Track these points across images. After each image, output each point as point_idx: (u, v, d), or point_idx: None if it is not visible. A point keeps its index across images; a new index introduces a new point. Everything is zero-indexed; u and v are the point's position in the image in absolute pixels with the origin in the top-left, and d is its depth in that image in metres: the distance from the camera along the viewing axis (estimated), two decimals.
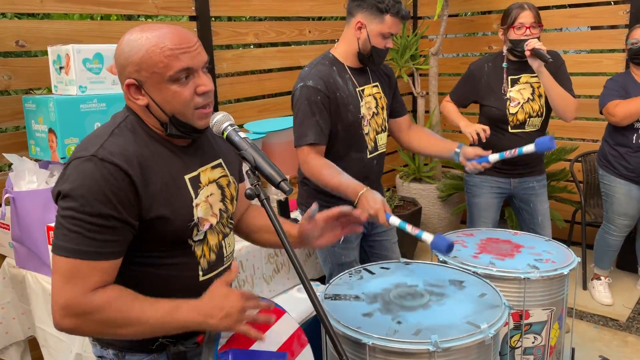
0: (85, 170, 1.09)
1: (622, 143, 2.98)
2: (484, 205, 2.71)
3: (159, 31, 1.15)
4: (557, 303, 1.95)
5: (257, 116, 3.36)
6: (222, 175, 1.32)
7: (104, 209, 1.08)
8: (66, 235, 1.08)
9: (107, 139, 1.14)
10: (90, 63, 2.02)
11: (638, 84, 2.91)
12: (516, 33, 2.46)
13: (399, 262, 1.97)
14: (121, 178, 1.10)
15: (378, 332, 1.47)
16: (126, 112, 1.23)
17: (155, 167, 1.17)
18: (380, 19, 1.96)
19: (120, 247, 1.13)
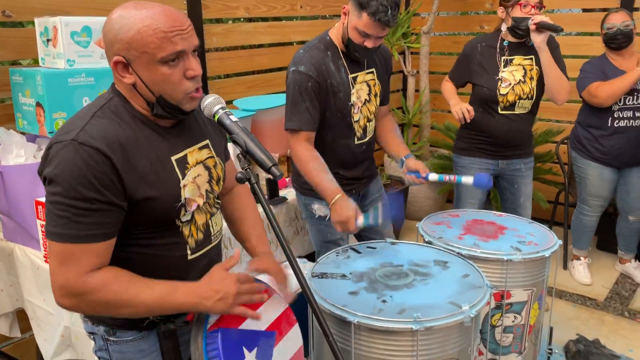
0: (66, 155, 1.09)
1: (597, 126, 3.02)
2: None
3: (153, 10, 1.13)
4: (537, 284, 2.01)
5: (247, 92, 3.34)
6: (209, 156, 1.32)
7: (88, 193, 1.09)
8: (55, 221, 1.10)
9: (89, 121, 1.13)
10: (78, 36, 1.99)
11: (615, 67, 2.94)
12: (522, 11, 2.46)
13: (385, 242, 2.00)
14: (102, 161, 1.10)
15: (363, 310, 1.51)
16: (111, 93, 1.22)
17: (140, 149, 1.17)
18: (359, 14, 1.88)
19: (109, 228, 1.14)
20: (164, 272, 1.20)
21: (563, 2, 3.86)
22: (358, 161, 2.21)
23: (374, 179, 2.35)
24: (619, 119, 2.95)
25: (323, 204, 2.18)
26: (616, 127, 2.96)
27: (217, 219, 1.37)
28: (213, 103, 1.18)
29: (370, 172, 2.30)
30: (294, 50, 3.61)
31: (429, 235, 2.07)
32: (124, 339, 1.31)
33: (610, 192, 3.15)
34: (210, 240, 1.33)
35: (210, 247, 1.33)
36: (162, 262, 1.24)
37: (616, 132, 2.97)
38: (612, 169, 3.07)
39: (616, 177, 3.10)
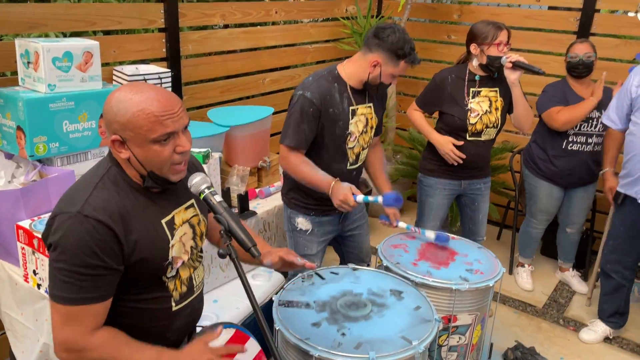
0: (72, 227, 1.21)
1: (552, 147, 3.26)
2: (436, 205, 2.96)
3: (147, 94, 1.24)
4: (481, 309, 2.24)
5: (220, 97, 3.42)
6: (194, 215, 1.45)
7: (91, 261, 1.22)
8: (60, 285, 1.23)
9: (92, 193, 1.25)
10: (59, 61, 2.04)
11: (575, 94, 3.17)
12: (497, 50, 2.65)
13: (347, 268, 2.18)
14: (105, 232, 1.23)
15: (324, 344, 1.69)
16: (109, 162, 1.34)
17: (136, 216, 1.30)
18: (396, 63, 2.16)
19: (108, 290, 1.28)
20: (150, 323, 1.35)
21: (525, 21, 4.04)
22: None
23: None
24: (573, 142, 3.19)
25: (307, 218, 2.39)
26: (569, 150, 3.20)
27: (200, 272, 1.51)
28: (200, 182, 1.31)
29: None
30: (266, 54, 3.70)
31: (387, 260, 2.26)
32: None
33: (556, 209, 3.43)
34: (193, 291, 1.47)
35: (192, 297, 1.48)
36: (149, 315, 1.38)
37: (569, 154, 3.21)
38: (560, 187, 3.33)
39: (563, 195, 3.37)
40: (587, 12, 3.72)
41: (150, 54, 2.91)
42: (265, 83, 3.76)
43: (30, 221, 1.97)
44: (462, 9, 4.27)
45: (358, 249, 2.61)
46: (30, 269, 1.97)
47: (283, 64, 3.89)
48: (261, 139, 2.98)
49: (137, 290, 1.35)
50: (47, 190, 2.05)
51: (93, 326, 1.26)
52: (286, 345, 1.79)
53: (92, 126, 2.18)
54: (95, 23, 2.60)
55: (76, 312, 1.23)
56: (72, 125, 2.11)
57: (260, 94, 3.76)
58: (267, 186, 3.01)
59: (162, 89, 1.29)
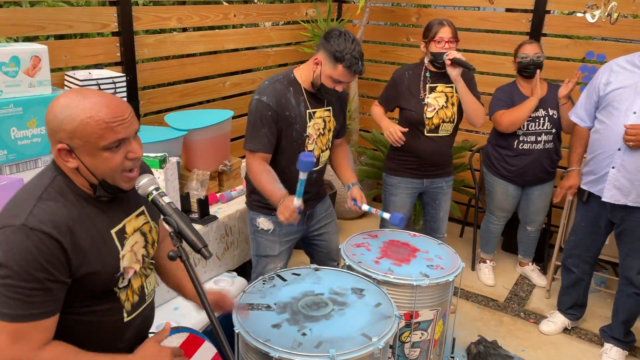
0: (16, 240, 1.14)
1: (504, 146, 3.34)
2: (400, 202, 3.00)
3: (94, 100, 1.20)
4: (442, 304, 2.27)
5: (179, 101, 3.38)
6: (145, 222, 1.42)
7: (40, 275, 1.16)
8: (7, 303, 1.15)
9: (36, 204, 1.19)
10: (6, 66, 1.98)
11: (522, 94, 3.26)
12: (437, 46, 2.71)
13: (309, 268, 2.18)
14: (52, 245, 1.17)
15: (284, 344, 1.68)
16: (54, 171, 1.27)
17: (84, 228, 1.24)
18: (334, 65, 2.15)
19: (57, 304, 1.22)
20: (101, 335, 1.30)
21: (480, 23, 4.14)
22: (307, 186, 2.37)
23: (321, 201, 2.56)
24: (523, 142, 3.27)
25: (267, 218, 2.39)
26: (521, 149, 3.29)
27: (151, 279, 1.47)
28: (147, 184, 1.28)
29: (317, 195, 2.51)
30: (225, 57, 3.68)
31: (350, 259, 2.27)
32: None
33: (513, 206, 3.51)
34: (144, 300, 1.44)
35: (144, 306, 1.44)
36: (100, 327, 1.33)
37: (521, 153, 3.29)
38: (516, 186, 3.41)
39: (520, 193, 3.45)
40: (539, 13, 3.84)
41: (104, 58, 2.85)
42: (226, 87, 3.73)
43: None
44: (420, 12, 4.35)
45: (327, 249, 2.62)
46: None
47: (244, 67, 3.87)
48: (221, 143, 2.96)
49: (87, 303, 1.30)
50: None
51: (42, 342, 1.20)
52: (246, 348, 1.77)
53: (41, 132, 2.12)
54: (45, 27, 2.54)
55: (25, 329, 1.17)
56: (20, 132, 2.05)
57: (221, 97, 3.73)
58: (228, 190, 2.99)
59: (108, 94, 1.25)
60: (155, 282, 1.52)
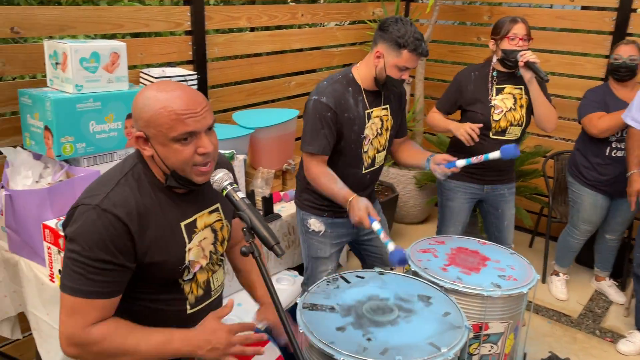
0: (89, 218, 1.20)
1: (595, 154, 3.13)
2: (457, 209, 2.87)
3: (171, 93, 1.23)
4: (514, 317, 2.14)
5: (245, 100, 3.41)
6: (217, 219, 1.42)
7: (103, 255, 1.20)
8: (70, 275, 1.21)
9: (113, 188, 1.24)
10: (87, 62, 2.05)
11: (617, 98, 3.04)
12: (510, 44, 2.57)
13: (373, 272, 2.12)
14: (120, 228, 1.21)
15: (349, 348, 1.63)
16: (136, 158, 1.33)
17: (154, 216, 1.28)
18: (398, 52, 2.06)
19: (117, 287, 1.26)
20: (164, 324, 1.31)
21: (557, 22, 3.93)
22: (361, 188, 2.34)
23: (372, 204, 2.46)
24: (616, 149, 3.06)
25: (319, 219, 2.34)
26: (613, 157, 3.07)
27: (219, 275, 1.47)
28: (222, 179, 1.28)
29: (370, 198, 2.41)
30: (292, 57, 3.68)
31: (415, 264, 2.19)
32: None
33: (601, 218, 3.27)
34: (210, 295, 1.44)
35: (210, 301, 1.44)
36: (162, 316, 1.35)
37: (613, 161, 3.07)
38: (605, 196, 3.19)
39: (608, 204, 3.22)
40: (624, 11, 3.59)
41: (177, 57, 2.92)
42: (291, 86, 3.74)
43: (56, 220, 1.97)
44: (492, 10, 4.18)
45: (379, 254, 2.53)
46: (55, 269, 1.97)
47: (309, 67, 3.87)
48: (286, 142, 2.96)
49: (151, 291, 1.33)
50: (73, 190, 2.05)
51: (96, 320, 1.24)
52: (310, 349, 1.73)
53: (118, 127, 2.18)
54: (123, 26, 2.63)
55: (81, 305, 1.22)
56: (98, 125, 2.12)
57: (285, 97, 3.74)
58: (291, 189, 2.98)
59: (189, 88, 1.27)
60: (224, 278, 1.51)
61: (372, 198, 2.49)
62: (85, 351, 1.24)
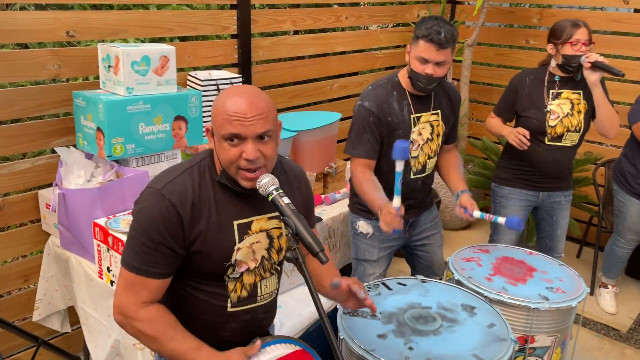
0: (150, 201, 1.30)
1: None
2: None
3: (235, 97, 1.28)
4: (562, 330, 2.07)
5: (288, 102, 3.43)
6: (276, 227, 1.44)
7: (156, 237, 1.28)
8: (129, 252, 1.31)
9: (176, 178, 1.33)
10: (137, 65, 2.11)
11: None
12: (572, 49, 2.50)
13: (416, 279, 2.09)
14: (173, 215, 1.29)
15: (390, 356, 1.61)
16: (206, 153, 1.40)
17: (207, 210, 1.33)
18: (416, 44, 2.08)
19: (166, 269, 1.32)
20: (205, 316, 1.38)
21: (613, 25, 3.78)
22: (412, 193, 2.32)
23: (427, 210, 2.46)
24: None
25: (367, 222, 2.35)
26: None
27: (270, 283, 1.48)
28: (268, 184, 1.28)
29: (422, 203, 2.40)
30: (335, 60, 3.68)
31: (459, 273, 2.15)
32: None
33: None
34: (255, 300, 1.45)
35: (254, 305, 1.45)
36: (205, 307, 1.40)
37: None
38: None
39: None
40: None
41: (223, 60, 2.97)
42: (333, 89, 3.74)
43: (106, 219, 2.03)
44: (542, 13, 4.07)
45: (429, 261, 2.51)
46: (104, 266, 2.03)
47: (351, 69, 3.85)
48: (328, 145, 2.96)
49: (197, 280, 1.39)
50: (122, 190, 2.12)
51: (146, 300, 1.32)
52: (350, 356, 1.72)
53: (166, 129, 2.23)
54: (172, 29, 2.68)
55: (135, 281, 1.30)
56: (147, 127, 2.17)
57: (327, 100, 3.74)
58: (332, 192, 2.98)
59: (256, 95, 1.30)
60: (276, 287, 1.52)
61: (427, 203, 2.47)
62: (128, 324, 1.34)
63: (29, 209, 2.41)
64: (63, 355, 2.54)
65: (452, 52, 2.09)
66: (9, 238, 2.39)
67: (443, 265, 2.54)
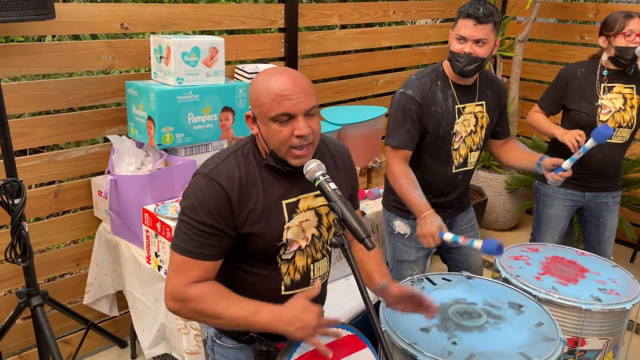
0: (199, 185, 1.32)
1: None
2: (554, 216, 2.70)
3: (277, 77, 1.28)
4: (614, 334, 1.98)
5: (334, 97, 3.43)
6: (324, 204, 1.44)
7: (207, 219, 1.29)
8: (179, 236, 1.32)
9: (222, 162, 1.34)
10: (188, 56, 2.15)
11: None
12: (626, 40, 2.40)
13: (461, 275, 2.04)
14: (223, 196, 1.30)
15: (433, 350, 1.58)
16: (249, 138, 1.42)
17: (255, 190, 1.34)
18: (456, 24, 2.04)
19: (218, 251, 1.33)
20: (258, 298, 1.35)
21: None
22: (451, 189, 2.25)
23: (464, 211, 2.37)
24: None
25: (404, 222, 2.27)
26: None
27: (322, 265, 1.48)
28: (315, 169, 1.28)
29: (461, 203, 2.31)
30: (381, 55, 3.65)
31: (506, 271, 2.09)
32: (226, 345, 1.50)
33: None
34: (308, 283, 1.45)
35: (307, 289, 1.45)
36: (258, 290, 1.39)
37: None
38: None
39: None
40: None
41: (270, 53, 2.99)
42: (379, 84, 3.71)
43: (155, 206, 2.09)
44: (598, 7, 3.90)
45: (465, 264, 2.40)
46: (152, 251, 2.09)
47: (398, 65, 3.81)
48: (372, 139, 2.94)
49: (250, 262, 1.39)
50: (171, 178, 2.17)
51: (196, 279, 1.31)
52: (392, 348, 1.70)
53: (214, 119, 2.27)
54: (221, 22, 2.73)
55: (186, 263, 1.31)
56: (196, 117, 2.22)
57: (373, 95, 3.72)
58: (376, 187, 2.95)
59: (296, 73, 1.31)
60: (327, 269, 1.52)
61: (465, 203, 2.37)
62: (184, 307, 1.32)
63: (82, 196, 2.50)
64: (111, 339, 2.64)
65: (494, 32, 2.00)
66: (63, 223, 2.50)
67: (480, 269, 2.45)
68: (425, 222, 1.93)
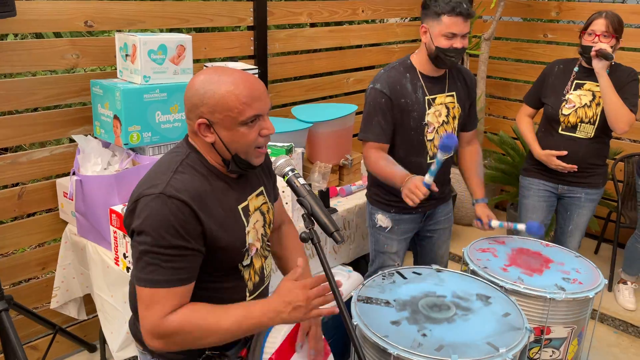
0: (155, 207, 1.19)
1: None
2: (531, 206, 2.79)
3: (233, 76, 1.23)
4: (579, 322, 2.04)
5: (305, 95, 3.43)
6: (264, 202, 1.43)
7: (175, 241, 1.19)
8: (145, 268, 1.20)
9: (173, 176, 1.24)
10: (154, 54, 2.13)
11: None
12: (586, 39, 2.50)
13: (431, 269, 2.08)
14: (187, 212, 1.20)
15: (403, 343, 1.60)
16: (187, 149, 1.32)
17: (215, 201, 1.28)
18: (439, 21, 2.05)
19: (192, 272, 1.24)
20: None
21: None
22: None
23: (444, 202, 2.42)
24: None
25: (386, 215, 2.32)
26: None
27: (269, 262, 1.49)
28: (283, 165, 1.29)
29: (442, 193, 2.32)
30: (351, 53, 3.67)
31: (474, 264, 2.13)
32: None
33: None
34: (264, 282, 1.45)
35: (263, 288, 1.46)
36: (223, 304, 1.31)
37: None
38: None
39: None
40: None
41: (239, 52, 2.98)
42: (349, 82, 3.73)
43: (122, 206, 2.06)
44: (560, 6, 4.01)
45: (432, 254, 2.47)
46: (120, 252, 2.06)
47: (368, 63, 3.84)
48: (343, 137, 2.95)
49: (214, 278, 1.32)
50: (138, 178, 2.10)
51: (174, 308, 1.21)
52: (363, 342, 1.72)
53: (182, 118, 2.25)
54: (189, 20, 2.70)
55: (160, 295, 1.20)
56: (163, 115, 2.19)
57: (343, 93, 3.74)
58: (348, 184, 2.97)
59: (245, 72, 1.27)
60: (272, 265, 1.52)
61: (446, 194, 2.41)
62: (169, 342, 1.21)
63: (47, 198, 2.45)
64: (80, 343, 2.59)
65: None
66: (28, 226, 2.44)
67: (445, 261, 2.51)
68: (408, 187, 1.94)
